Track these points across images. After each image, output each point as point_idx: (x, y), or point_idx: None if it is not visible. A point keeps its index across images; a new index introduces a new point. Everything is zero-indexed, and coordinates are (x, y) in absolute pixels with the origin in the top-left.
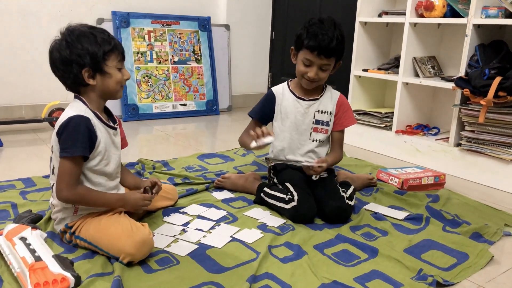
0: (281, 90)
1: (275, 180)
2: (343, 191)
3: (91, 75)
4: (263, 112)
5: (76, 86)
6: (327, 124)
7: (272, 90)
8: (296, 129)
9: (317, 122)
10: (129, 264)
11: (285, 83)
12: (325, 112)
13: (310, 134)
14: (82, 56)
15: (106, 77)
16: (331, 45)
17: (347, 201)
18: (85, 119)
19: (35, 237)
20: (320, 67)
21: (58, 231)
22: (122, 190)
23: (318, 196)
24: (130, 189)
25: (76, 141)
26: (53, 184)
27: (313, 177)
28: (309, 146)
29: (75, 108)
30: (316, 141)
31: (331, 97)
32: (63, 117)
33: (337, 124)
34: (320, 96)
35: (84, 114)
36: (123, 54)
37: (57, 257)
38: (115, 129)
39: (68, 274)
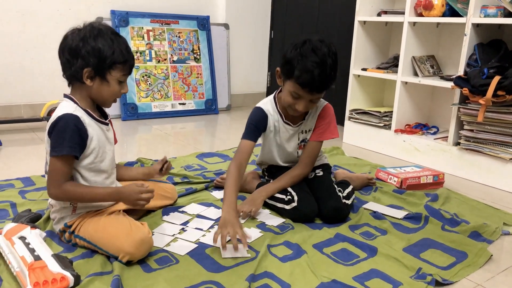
0: (271, 110)
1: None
2: (339, 191)
3: (91, 76)
4: (258, 133)
5: (72, 79)
6: None
7: (263, 110)
8: (282, 151)
9: (302, 141)
10: (128, 263)
11: (272, 99)
12: (309, 131)
13: (297, 152)
14: (90, 54)
15: (104, 84)
16: (325, 81)
17: (344, 200)
18: (74, 118)
19: (34, 236)
20: (311, 100)
21: (57, 231)
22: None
23: (314, 196)
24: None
25: (64, 140)
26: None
27: (308, 176)
28: (295, 160)
29: (65, 107)
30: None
31: (315, 111)
32: (53, 117)
33: (313, 134)
34: (305, 116)
35: (73, 112)
36: (131, 69)
37: (57, 256)
38: (107, 124)
39: (67, 273)
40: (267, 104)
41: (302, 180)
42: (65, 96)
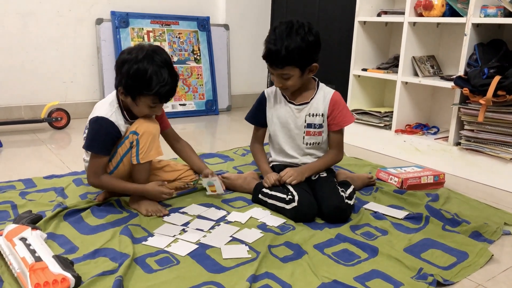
0: (273, 93)
1: None
2: (342, 191)
3: (123, 93)
4: (258, 116)
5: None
6: (320, 126)
7: (264, 93)
8: (288, 134)
9: (309, 125)
10: (130, 266)
11: None
12: (316, 115)
13: (303, 138)
14: (125, 76)
15: (134, 104)
16: (279, 56)
17: (346, 200)
18: (108, 123)
19: (35, 237)
20: (281, 75)
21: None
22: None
23: (317, 196)
24: (196, 170)
25: (95, 141)
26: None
27: (312, 177)
28: (304, 150)
29: (106, 106)
30: (310, 144)
31: (323, 97)
32: (94, 113)
33: (332, 124)
34: (311, 99)
35: (110, 117)
36: (166, 100)
37: (58, 257)
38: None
39: (68, 274)
40: (271, 89)
41: (334, 164)
42: (115, 91)
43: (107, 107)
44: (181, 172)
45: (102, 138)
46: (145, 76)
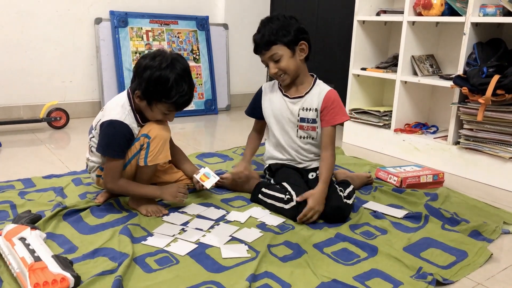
0: (271, 87)
1: (272, 181)
2: (341, 190)
3: (139, 97)
4: (255, 109)
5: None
6: (314, 121)
7: (262, 86)
8: (282, 127)
9: (302, 120)
10: (130, 266)
11: (277, 81)
12: (310, 109)
13: (297, 131)
14: (145, 80)
15: (148, 109)
16: (263, 40)
17: (345, 200)
18: (123, 126)
19: (35, 237)
20: (272, 59)
21: (94, 177)
22: None
23: None
24: (187, 175)
25: (112, 145)
26: (91, 146)
27: (310, 176)
28: (297, 143)
29: (118, 108)
30: (303, 138)
31: (319, 93)
32: (107, 114)
33: (323, 120)
34: (306, 94)
35: (124, 120)
36: (182, 108)
37: (57, 257)
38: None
39: (67, 274)
40: (270, 82)
41: (333, 162)
42: (128, 91)
43: (120, 110)
44: (182, 174)
45: (118, 142)
46: (166, 85)
